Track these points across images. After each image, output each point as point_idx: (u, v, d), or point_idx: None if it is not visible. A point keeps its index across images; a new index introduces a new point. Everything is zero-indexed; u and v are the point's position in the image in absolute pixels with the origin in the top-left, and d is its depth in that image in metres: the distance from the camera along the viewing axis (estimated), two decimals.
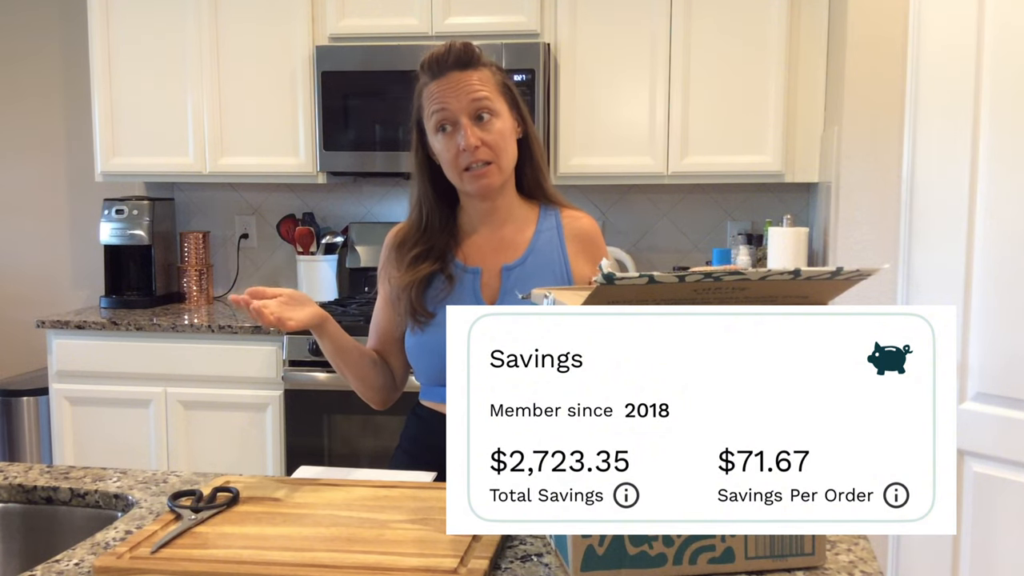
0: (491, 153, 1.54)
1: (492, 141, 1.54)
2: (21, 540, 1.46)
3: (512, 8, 3.20)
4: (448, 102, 1.54)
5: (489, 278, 1.61)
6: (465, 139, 1.52)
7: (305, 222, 3.62)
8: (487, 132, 1.54)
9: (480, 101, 1.54)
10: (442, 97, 1.55)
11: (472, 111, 1.54)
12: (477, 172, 1.54)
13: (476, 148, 1.52)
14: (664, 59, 3.15)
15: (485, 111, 1.54)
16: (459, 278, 1.60)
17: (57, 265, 3.94)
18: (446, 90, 1.55)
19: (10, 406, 3.44)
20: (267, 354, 3.14)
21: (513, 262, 1.61)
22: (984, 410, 2.23)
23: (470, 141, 1.52)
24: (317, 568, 1.09)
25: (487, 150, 1.54)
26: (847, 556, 1.19)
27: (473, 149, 1.52)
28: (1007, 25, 2.17)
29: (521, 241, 1.63)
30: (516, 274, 1.61)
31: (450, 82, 1.55)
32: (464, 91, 1.54)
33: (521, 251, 1.62)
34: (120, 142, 3.47)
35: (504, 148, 1.56)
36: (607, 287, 1.01)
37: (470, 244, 1.63)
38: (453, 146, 1.54)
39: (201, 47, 3.38)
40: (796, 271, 1.06)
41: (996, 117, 2.19)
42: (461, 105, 1.54)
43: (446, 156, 1.56)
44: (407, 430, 1.74)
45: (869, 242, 2.53)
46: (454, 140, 1.54)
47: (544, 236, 1.64)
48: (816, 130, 3.12)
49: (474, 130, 1.53)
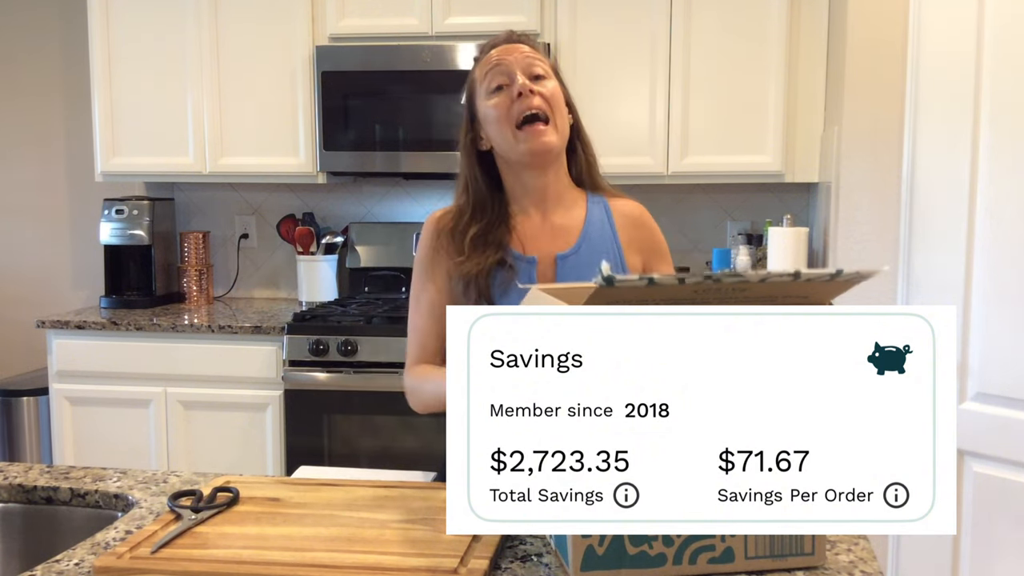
0: (547, 107, 1.51)
1: (548, 96, 1.52)
2: (21, 540, 1.46)
3: (512, 8, 3.20)
4: (503, 59, 1.54)
5: (544, 267, 1.58)
6: (521, 84, 1.50)
7: (305, 222, 3.62)
8: (543, 87, 1.52)
9: (534, 61, 1.54)
10: (498, 57, 1.55)
11: (526, 67, 1.53)
12: (534, 129, 1.50)
13: (532, 94, 1.50)
14: (664, 59, 3.15)
15: (540, 70, 1.54)
16: (518, 268, 1.55)
17: (57, 265, 3.94)
18: (502, 51, 1.55)
19: (10, 406, 3.44)
20: (267, 354, 3.14)
21: (567, 251, 1.58)
22: (984, 410, 2.23)
23: (525, 84, 1.50)
24: (317, 568, 1.09)
25: (543, 102, 1.51)
26: (847, 556, 1.19)
27: (529, 93, 1.50)
28: (1007, 25, 2.17)
29: (572, 228, 1.60)
30: (571, 263, 1.57)
31: (505, 49, 1.56)
32: (518, 51, 1.55)
33: (574, 239, 1.59)
34: (120, 142, 3.47)
35: (558, 107, 1.54)
36: (607, 289, 1.01)
37: (523, 231, 1.59)
38: (507, 99, 1.51)
39: (201, 47, 3.38)
40: (796, 273, 1.06)
41: (996, 117, 2.19)
42: (515, 61, 1.53)
43: (499, 112, 1.52)
44: None
45: (869, 242, 2.53)
46: (508, 94, 1.52)
47: (595, 224, 1.61)
48: (816, 130, 3.13)
49: (529, 82, 1.52)
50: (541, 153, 1.53)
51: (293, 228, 3.61)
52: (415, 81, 3.23)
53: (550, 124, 1.51)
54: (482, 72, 1.56)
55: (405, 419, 3.01)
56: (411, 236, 3.57)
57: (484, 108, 1.55)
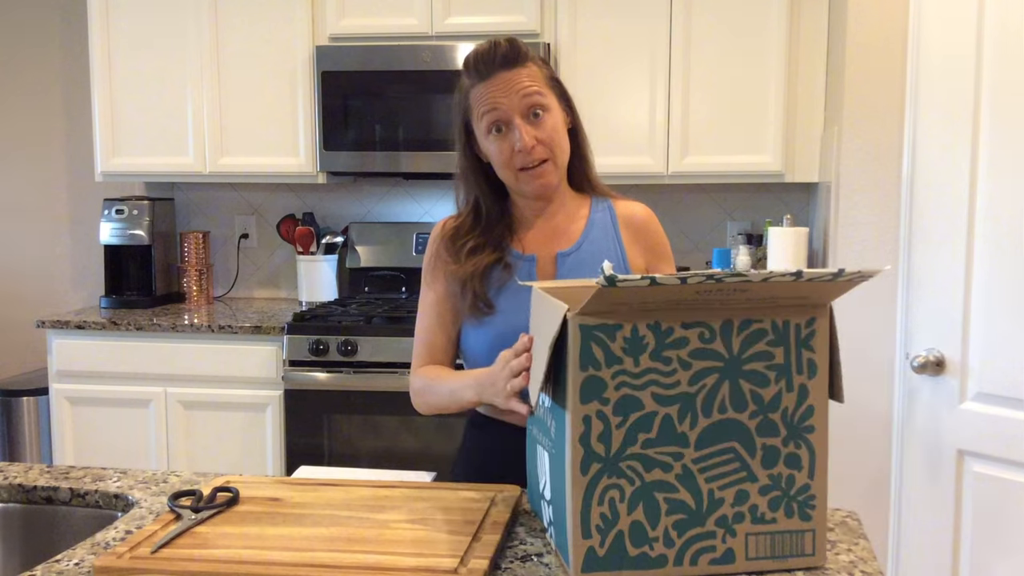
0: (546, 151, 1.51)
1: (547, 138, 1.51)
2: (21, 540, 1.46)
3: (512, 8, 3.20)
4: (500, 102, 1.50)
5: (544, 265, 1.58)
6: (521, 140, 1.49)
7: (305, 222, 3.62)
8: (541, 130, 1.51)
9: (532, 98, 1.50)
10: (493, 98, 1.50)
11: (525, 109, 1.50)
12: (535, 172, 1.51)
13: (532, 148, 1.50)
14: (664, 59, 3.15)
15: (538, 108, 1.51)
16: (516, 266, 1.57)
17: (57, 265, 3.93)
18: (496, 91, 1.50)
19: (10, 406, 3.43)
20: (267, 354, 3.14)
21: (568, 248, 1.59)
22: (984, 410, 2.23)
23: (526, 142, 1.49)
24: (317, 568, 1.09)
25: (543, 148, 1.51)
26: (847, 556, 1.19)
27: (530, 149, 1.49)
28: (1007, 25, 2.17)
29: (574, 229, 1.61)
30: (571, 261, 1.58)
31: (499, 82, 1.50)
32: (515, 90, 1.50)
33: (575, 238, 1.60)
34: (120, 142, 3.47)
35: (558, 144, 1.53)
36: (609, 289, 1.01)
37: (525, 233, 1.60)
38: (508, 147, 1.51)
39: (201, 47, 3.37)
40: (798, 273, 1.06)
41: (996, 117, 2.19)
42: (513, 104, 1.50)
43: (500, 158, 1.52)
44: (468, 441, 1.67)
45: (869, 242, 2.53)
46: (508, 141, 1.50)
47: (598, 225, 1.62)
48: (816, 130, 3.12)
49: (528, 129, 1.50)
50: (542, 191, 1.55)
51: (293, 228, 3.61)
52: (415, 81, 3.23)
53: (549, 163, 1.53)
54: (478, 105, 1.53)
55: (405, 419, 3.01)
56: (411, 236, 3.57)
57: (484, 144, 1.55)
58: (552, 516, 1.18)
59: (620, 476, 1.09)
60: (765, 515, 1.13)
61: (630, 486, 1.09)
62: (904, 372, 2.41)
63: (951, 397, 2.30)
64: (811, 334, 1.13)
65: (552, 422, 1.16)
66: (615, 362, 1.08)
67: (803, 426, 1.13)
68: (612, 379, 1.08)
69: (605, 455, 1.08)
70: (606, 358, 1.07)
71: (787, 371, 1.12)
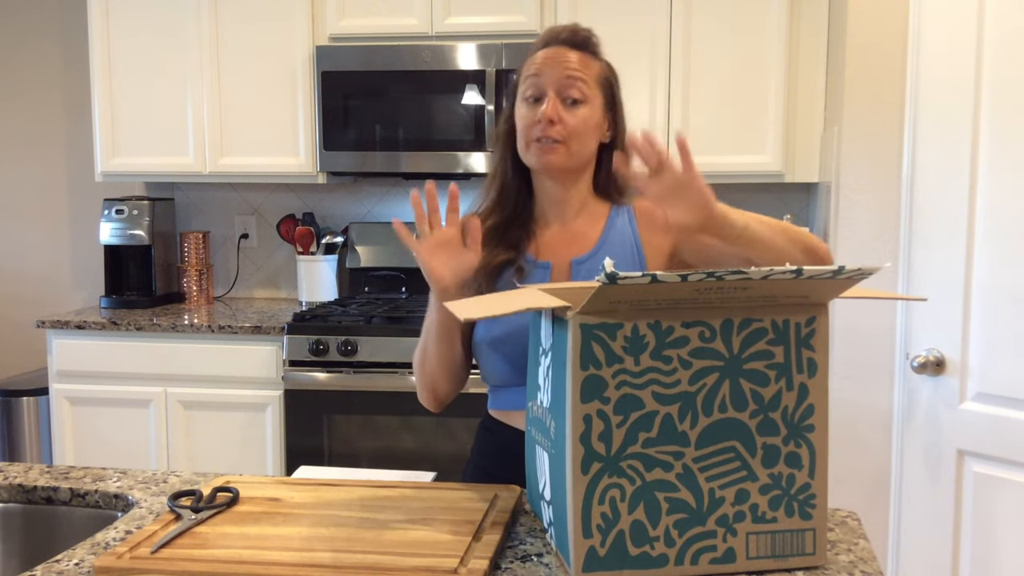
0: (564, 133, 1.51)
1: (571, 124, 1.51)
2: (21, 540, 1.46)
3: (512, 8, 3.20)
4: (543, 71, 1.52)
5: (559, 273, 1.57)
6: (544, 110, 1.50)
7: (305, 222, 3.62)
8: (570, 115, 1.51)
9: (573, 81, 1.51)
10: (540, 65, 1.53)
11: (563, 87, 1.51)
12: (544, 147, 1.51)
13: (552, 123, 1.50)
14: (664, 59, 3.15)
15: (576, 93, 1.52)
16: (529, 272, 1.56)
17: (57, 265, 3.93)
18: (547, 59, 1.53)
19: (10, 406, 3.43)
20: (267, 354, 3.14)
21: (583, 256, 1.57)
22: (984, 410, 2.23)
23: (548, 112, 1.49)
24: (317, 568, 1.09)
25: (562, 129, 1.51)
26: (847, 556, 1.19)
27: (548, 122, 1.50)
28: (1007, 25, 2.17)
29: (592, 235, 1.59)
30: (587, 268, 1.56)
31: (553, 53, 1.53)
32: (562, 66, 1.52)
33: (591, 244, 1.58)
34: (120, 142, 3.47)
35: (580, 136, 1.53)
36: (610, 287, 1.01)
37: (542, 238, 1.59)
38: (532, 114, 1.52)
39: (201, 47, 3.37)
40: (798, 270, 1.06)
41: (996, 117, 2.19)
42: (554, 77, 1.51)
43: (522, 123, 1.53)
44: (478, 444, 1.66)
45: (869, 242, 2.53)
46: (535, 111, 1.52)
47: (616, 230, 1.59)
48: (816, 130, 3.12)
49: (557, 105, 1.50)
50: (545, 169, 1.55)
51: (293, 228, 3.61)
52: (415, 81, 3.23)
53: (562, 146, 1.52)
54: (524, 72, 1.56)
55: (405, 419, 3.01)
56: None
57: (518, 107, 1.56)
58: (552, 516, 1.18)
59: (621, 475, 1.09)
60: (766, 514, 1.13)
61: (631, 485, 1.09)
62: (904, 372, 2.41)
63: (951, 397, 2.30)
64: (811, 333, 1.13)
65: (552, 422, 1.16)
66: (616, 361, 1.08)
67: (803, 425, 1.13)
68: (613, 378, 1.08)
69: (606, 454, 1.08)
70: (607, 357, 1.07)
71: (787, 370, 1.12)
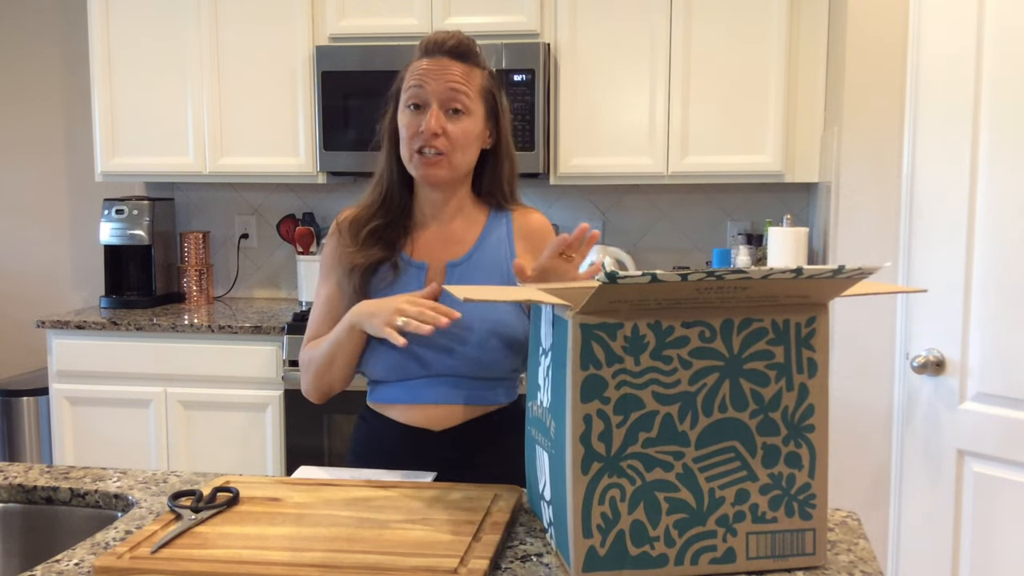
0: (447, 145, 1.54)
1: (453, 135, 1.54)
2: (21, 540, 1.46)
3: (512, 8, 3.20)
4: (426, 82, 1.55)
5: (434, 274, 1.62)
6: (427, 122, 1.53)
7: (305, 222, 3.62)
8: (452, 126, 1.54)
9: (456, 94, 1.54)
10: (423, 76, 1.55)
11: (445, 100, 1.54)
12: (427, 159, 1.55)
13: (434, 135, 1.53)
14: (664, 59, 3.15)
15: (458, 105, 1.55)
16: (403, 270, 1.61)
17: (57, 265, 3.93)
18: (429, 71, 1.55)
19: (10, 406, 3.43)
20: (267, 354, 3.14)
21: (459, 259, 1.62)
22: (984, 410, 2.23)
23: (431, 125, 1.53)
24: (317, 568, 1.09)
25: (444, 141, 1.54)
26: (847, 556, 1.19)
27: (431, 135, 1.53)
28: (1007, 25, 2.17)
29: (468, 238, 1.64)
30: (460, 271, 1.61)
31: (437, 65, 1.56)
32: (445, 79, 1.54)
33: (467, 248, 1.63)
34: (120, 142, 3.47)
35: (462, 147, 1.56)
36: (609, 286, 1.01)
37: (419, 238, 1.64)
38: (415, 124, 1.55)
39: (201, 47, 3.37)
40: (798, 270, 1.06)
41: (996, 117, 2.19)
42: (437, 89, 1.54)
43: (406, 132, 1.56)
44: (357, 433, 1.71)
45: (869, 242, 2.53)
46: (417, 120, 1.55)
47: (492, 235, 1.65)
48: (816, 130, 3.12)
49: (440, 117, 1.53)
50: (428, 180, 1.58)
51: (293, 228, 3.61)
52: None
53: (444, 158, 1.55)
54: (408, 80, 1.58)
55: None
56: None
57: (400, 115, 1.59)
58: (552, 516, 1.18)
59: (621, 475, 1.09)
60: (766, 514, 1.13)
61: (631, 485, 1.09)
62: (904, 372, 2.41)
63: (951, 397, 2.30)
64: (811, 333, 1.13)
65: (552, 422, 1.16)
66: (616, 361, 1.08)
67: (803, 425, 1.13)
68: (613, 378, 1.08)
69: (606, 454, 1.08)
70: (607, 357, 1.07)
71: (787, 370, 1.12)
